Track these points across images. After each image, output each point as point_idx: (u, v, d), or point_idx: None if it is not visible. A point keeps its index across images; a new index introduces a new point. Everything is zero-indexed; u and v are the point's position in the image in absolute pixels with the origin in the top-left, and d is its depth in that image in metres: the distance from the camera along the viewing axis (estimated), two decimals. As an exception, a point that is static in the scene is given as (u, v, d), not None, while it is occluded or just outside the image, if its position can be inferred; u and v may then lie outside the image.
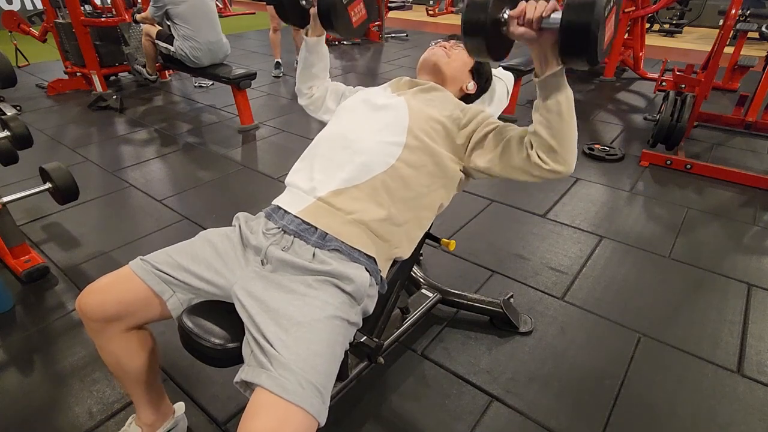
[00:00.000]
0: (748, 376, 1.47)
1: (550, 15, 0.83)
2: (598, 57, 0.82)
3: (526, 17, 0.85)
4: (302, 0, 1.26)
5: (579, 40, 0.80)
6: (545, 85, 0.91)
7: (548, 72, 0.89)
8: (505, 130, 1.05)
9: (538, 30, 0.85)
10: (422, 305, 1.60)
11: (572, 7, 0.79)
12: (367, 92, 1.25)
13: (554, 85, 0.90)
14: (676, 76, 3.70)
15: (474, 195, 2.51)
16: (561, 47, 0.84)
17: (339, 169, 1.04)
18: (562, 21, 0.81)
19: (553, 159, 0.95)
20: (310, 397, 0.76)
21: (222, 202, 2.51)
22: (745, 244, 2.15)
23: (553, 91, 0.90)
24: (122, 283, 0.97)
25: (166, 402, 1.22)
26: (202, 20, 3.39)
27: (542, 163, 0.96)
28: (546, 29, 0.85)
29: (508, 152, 1.01)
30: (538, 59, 0.90)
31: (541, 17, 0.84)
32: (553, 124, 0.92)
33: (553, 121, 0.92)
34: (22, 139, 1.92)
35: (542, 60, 0.89)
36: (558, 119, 0.92)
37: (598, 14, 0.78)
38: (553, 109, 0.91)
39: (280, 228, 1.01)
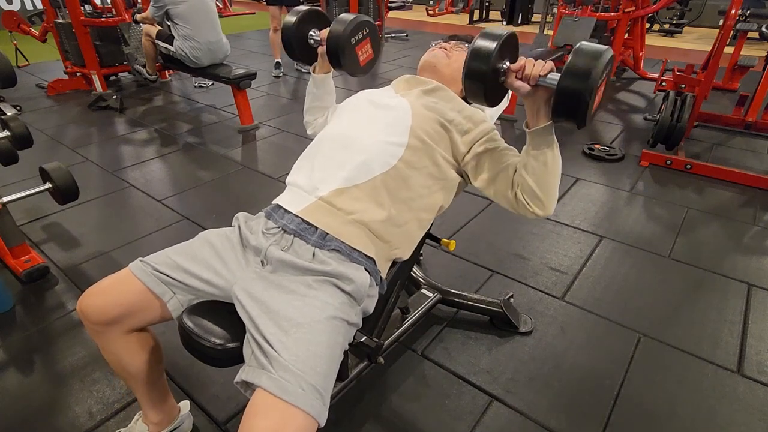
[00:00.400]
0: (748, 376, 1.47)
1: (547, 74, 0.90)
2: (586, 121, 0.89)
3: (524, 72, 0.92)
4: (310, 39, 1.30)
5: (572, 103, 0.87)
6: (535, 137, 0.97)
7: (539, 125, 0.95)
8: (503, 155, 1.07)
9: (534, 86, 0.92)
10: (422, 305, 1.60)
11: (571, 74, 0.85)
12: (369, 92, 1.25)
13: (543, 139, 0.96)
14: (676, 76, 3.70)
15: (474, 195, 2.50)
16: (554, 107, 0.90)
17: (340, 168, 1.04)
18: (558, 84, 0.87)
19: (534, 203, 1.01)
20: (310, 399, 0.76)
21: (222, 202, 2.51)
22: (745, 244, 2.15)
23: (542, 145, 0.96)
24: (122, 285, 0.97)
25: (171, 402, 1.22)
26: (202, 20, 3.39)
27: (526, 204, 1.02)
28: (542, 86, 0.92)
29: (501, 182, 1.05)
30: (531, 111, 0.96)
31: (539, 76, 0.90)
32: (538, 173, 0.98)
33: (539, 170, 0.98)
34: (22, 139, 1.92)
35: (534, 113, 0.96)
36: (543, 170, 0.98)
37: (593, 84, 0.84)
38: (539, 159, 0.97)
39: (280, 227, 1.01)
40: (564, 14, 4.05)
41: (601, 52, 0.86)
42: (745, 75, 4.00)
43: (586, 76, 0.84)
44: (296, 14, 1.30)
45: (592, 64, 0.84)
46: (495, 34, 0.92)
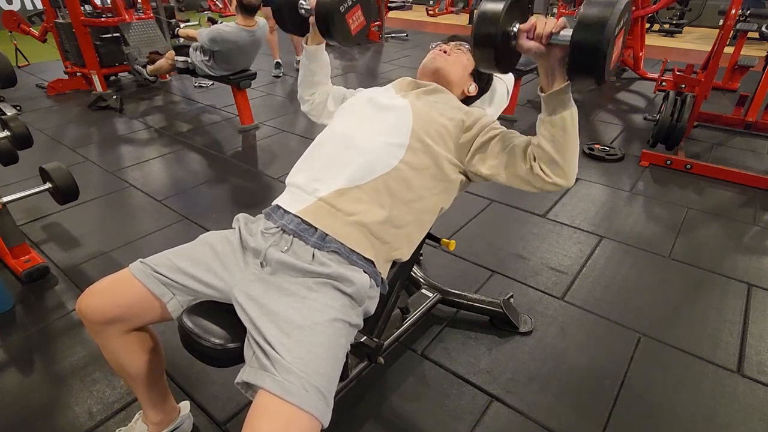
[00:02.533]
0: (748, 376, 1.47)
1: (560, 31, 0.84)
2: (605, 76, 0.82)
3: (536, 32, 0.86)
4: (301, 9, 1.25)
5: (588, 58, 0.80)
6: (551, 101, 0.92)
7: (554, 88, 0.90)
8: (508, 137, 1.05)
9: (547, 45, 0.86)
10: (422, 305, 1.60)
11: (584, 26, 0.79)
12: (370, 92, 1.24)
13: (560, 101, 0.91)
14: (676, 76, 3.70)
15: (474, 195, 2.51)
16: (569, 64, 0.85)
17: (341, 169, 1.04)
18: (572, 38, 0.81)
19: (554, 172, 0.96)
20: (314, 401, 0.76)
21: (222, 202, 2.51)
22: (745, 244, 2.15)
23: (559, 107, 0.91)
24: (122, 286, 0.97)
25: (171, 402, 1.22)
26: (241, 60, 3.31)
27: (544, 175, 0.97)
28: (555, 45, 0.86)
29: (512, 161, 1.02)
30: (545, 74, 0.91)
31: (551, 33, 0.85)
32: (557, 138, 0.93)
33: (557, 135, 0.93)
34: (22, 139, 1.92)
35: (549, 75, 0.90)
36: (562, 134, 0.93)
37: (609, 33, 0.77)
38: (557, 124, 0.92)
39: (279, 227, 1.01)
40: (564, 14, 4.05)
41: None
42: (745, 75, 4.01)
43: (601, 25, 0.77)
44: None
45: (606, 12, 0.77)
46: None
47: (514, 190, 1.08)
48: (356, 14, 1.23)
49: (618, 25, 0.79)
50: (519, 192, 1.08)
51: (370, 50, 6.25)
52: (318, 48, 1.30)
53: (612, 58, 0.82)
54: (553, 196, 2.52)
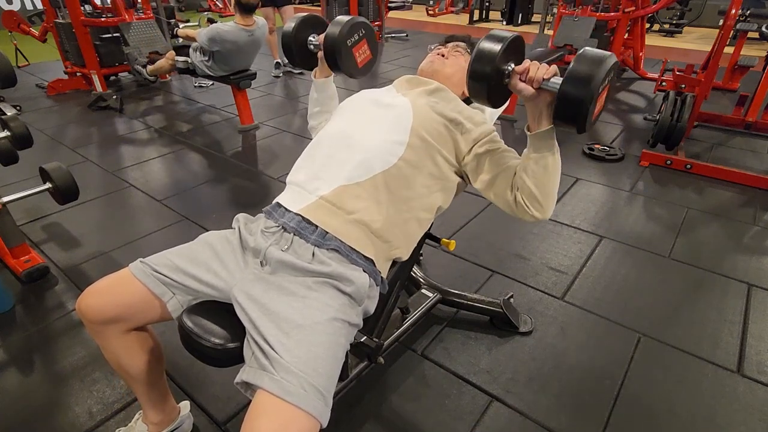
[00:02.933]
0: (748, 376, 1.47)
1: (551, 78, 0.90)
2: (586, 127, 0.88)
3: (528, 75, 0.92)
4: (310, 45, 1.31)
5: (572, 109, 0.87)
6: (536, 141, 0.97)
7: (540, 129, 0.95)
8: (503, 157, 1.07)
9: (538, 89, 0.92)
10: (422, 305, 1.60)
11: (571, 80, 0.85)
12: (370, 92, 1.25)
13: (544, 143, 0.96)
14: (676, 76, 3.70)
15: (474, 195, 2.49)
16: (555, 111, 0.90)
17: (341, 167, 1.04)
18: (560, 89, 0.87)
19: (534, 207, 1.01)
20: (313, 400, 0.76)
21: (222, 202, 2.51)
22: (745, 244, 2.15)
23: (542, 148, 0.96)
24: (122, 286, 0.97)
25: (171, 402, 1.22)
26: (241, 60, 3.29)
27: (525, 206, 1.01)
28: (545, 90, 0.92)
29: (502, 185, 1.05)
30: (532, 115, 0.96)
31: (542, 79, 0.90)
32: (539, 176, 0.98)
33: (539, 174, 0.98)
34: (22, 139, 1.92)
35: (536, 116, 0.96)
36: (543, 173, 0.98)
37: (593, 90, 0.84)
38: (540, 163, 0.97)
39: (280, 226, 1.01)
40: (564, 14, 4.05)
41: (604, 59, 0.85)
42: (745, 75, 4.01)
43: (587, 82, 0.84)
44: (295, 21, 1.31)
45: (593, 71, 0.84)
46: (500, 37, 0.93)
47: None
48: (363, 48, 1.28)
49: (603, 83, 0.85)
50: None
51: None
52: (326, 80, 1.34)
53: (594, 111, 0.89)
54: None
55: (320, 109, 1.37)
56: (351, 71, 1.27)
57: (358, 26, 1.23)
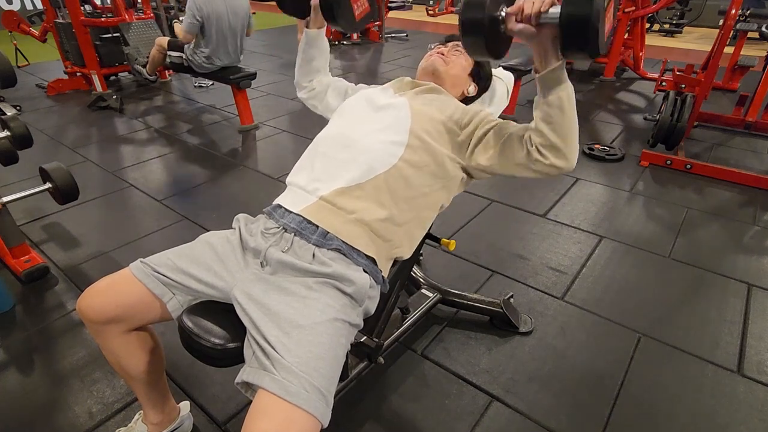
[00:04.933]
0: (748, 376, 1.47)
1: (548, 10, 0.82)
2: (599, 49, 0.80)
3: (524, 13, 0.84)
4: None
5: (579, 33, 0.79)
6: (546, 81, 0.90)
7: (549, 67, 0.88)
8: (505, 126, 1.05)
9: (537, 26, 0.85)
10: (422, 305, 1.60)
11: (571, 0, 0.78)
12: (368, 92, 1.24)
13: (555, 81, 0.89)
14: (676, 76, 3.70)
15: (474, 195, 2.50)
16: (561, 42, 0.83)
17: (341, 168, 1.04)
18: (561, 15, 0.79)
19: (554, 155, 0.94)
20: (314, 401, 0.76)
21: (222, 202, 2.51)
22: (745, 244, 2.15)
23: (554, 87, 0.90)
24: (122, 286, 0.97)
25: (171, 402, 1.22)
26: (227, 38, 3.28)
27: (543, 158, 0.95)
28: (545, 24, 0.84)
29: (509, 149, 1.01)
30: (538, 55, 0.89)
31: (540, 12, 0.83)
32: (555, 119, 0.92)
33: (555, 116, 0.91)
34: (22, 139, 1.92)
35: (542, 56, 0.89)
36: (559, 114, 0.91)
37: (598, 5, 0.76)
38: (554, 104, 0.91)
39: (281, 226, 1.01)
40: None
41: None
42: (745, 75, 4.01)
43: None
44: None
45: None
46: None
47: (514, 190, 1.08)
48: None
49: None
50: (519, 192, 1.08)
51: (370, 50, 6.25)
52: (319, 32, 1.27)
53: (604, 30, 0.80)
54: (553, 195, 2.52)
55: (309, 64, 1.31)
56: (347, 23, 1.18)
57: None
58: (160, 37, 3.62)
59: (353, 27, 1.23)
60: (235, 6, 3.26)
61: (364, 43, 6.55)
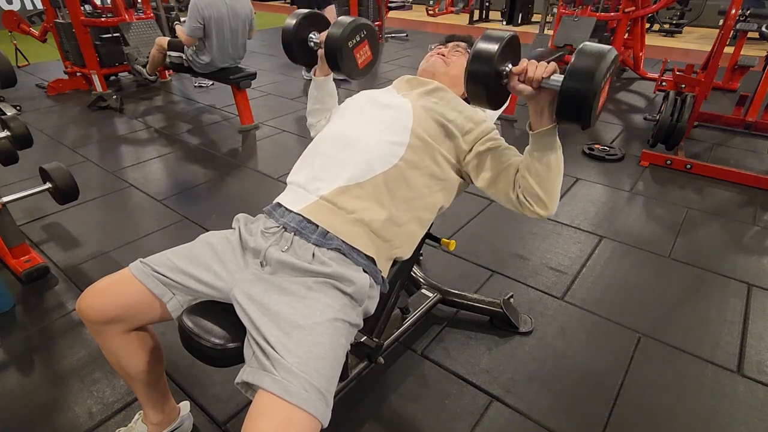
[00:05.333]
0: (748, 376, 1.47)
1: (550, 76, 0.89)
2: (591, 122, 0.86)
3: (527, 75, 0.90)
4: (310, 42, 1.31)
5: (575, 106, 0.85)
6: (538, 140, 0.96)
7: (542, 127, 0.94)
8: (505, 154, 1.07)
9: (538, 88, 0.90)
10: (422, 305, 1.60)
11: (573, 76, 0.84)
12: (370, 92, 1.25)
13: (546, 141, 0.95)
14: (676, 76, 3.70)
15: (474, 195, 2.50)
16: (557, 109, 0.89)
17: (341, 167, 1.04)
18: (561, 87, 0.85)
19: (536, 203, 1.01)
20: (314, 401, 0.76)
21: (222, 202, 2.51)
22: (745, 244, 2.15)
23: (545, 147, 0.96)
24: (122, 286, 0.97)
25: (171, 402, 1.22)
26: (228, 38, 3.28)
27: (528, 204, 1.01)
28: (545, 88, 0.90)
29: (504, 182, 1.05)
30: (534, 113, 0.95)
31: (542, 78, 0.89)
32: (541, 174, 0.98)
33: (542, 172, 0.97)
34: (22, 139, 1.93)
35: (538, 115, 0.94)
36: (546, 171, 0.97)
37: (596, 85, 0.82)
38: (542, 161, 0.97)
39: (281, 226, 1.01)
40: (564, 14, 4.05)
41: (604, 53, 0.84)
42: (745, 75, 4.01)
43: (589, 77, 0.82)
44: (296, 17, 1.30)
45: (595, 65, 0.83)
46: (496, 37, 0.92)
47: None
48: (364, 49, 1.27)
49: (605, 77, 0.84)
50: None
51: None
52: (326, 79, 1.33)
53: (598, 106, 0.87)
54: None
55: (319, 107, 1.36)
56: (351, 72, 1.27)
57: (360, 28, 1.23)
58: (160, 37, 3.62)
59: (357, 74, 1.29)
60: (236, 8, 3.25)
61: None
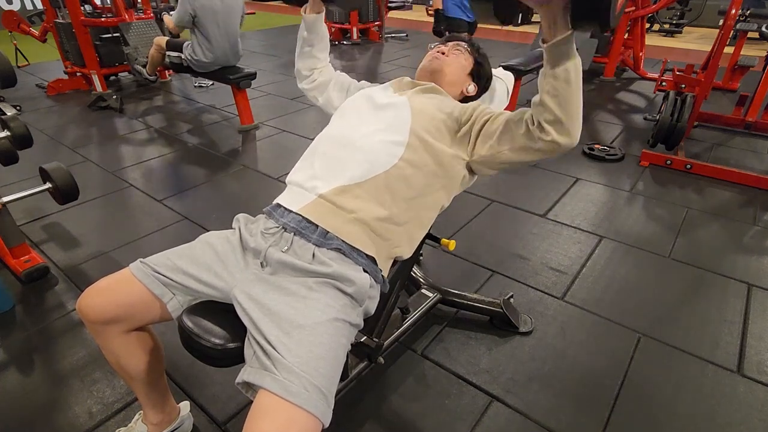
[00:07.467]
0: (748, 376, 1.47)
1: None
2: (611, 20, 0.77)
3: None
4: None
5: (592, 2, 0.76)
6: (554, 52, 0.88)
7: (558, 37, 0.86)
8: (501, 114, 1.05)
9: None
10: (422, 305, 1.60)
11: None
12: (369, 91, 1.25)
13: (563, 52, 0.87)
14: (676, 76, 3.70)
15: (474, 195, 2.50)
16: (572, 10, 0.80)
17: (341, 167, 1.04)
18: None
19: (557, 129, 0.92)
20: (315, 400, 0.76)
21: (222, 202, 2.51)
22: (745, 244, 2.15)
23: (562, 58, 0.88)
24: (122, 286, 0.97)
25: (171, 402, 1.22)
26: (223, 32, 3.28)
27: (545, 135, 0.93)
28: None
29: (508, 133, 1.00)
30: (547, 24, 0.86)
31: None
32: (561, 91, 0.89)
33: (561, 88, 0.89)
34: (22, 139, 1.92)
35: (551, 25, 0.86)
36: (565, 87, 0.89)
37: None
38: (560, 76, 0.88)
39: (281, 226, 1.01)
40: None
41: None
42: (745, 75, 4.01)
43: None
44: None
45: None
46: None
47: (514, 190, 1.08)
48: None
49: None
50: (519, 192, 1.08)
51: (370, 50, 6.25)
52: (317, 17, 1.26)
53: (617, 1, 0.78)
54: (553, 195, 2.52)
55: (310, 50, 1.31)
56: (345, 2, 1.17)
57: None
58: (159, 37, 3.62)
59: (350, 4, 1.21)
60: (230, 2, 3.26)
61: (364, 43, 6.55)
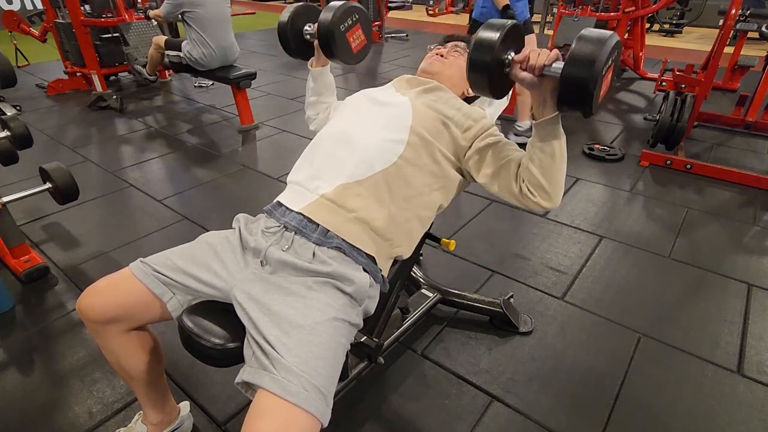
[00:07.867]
0: (748, 376, 1.47)
1: (552, 64, 0.88)
2: (592, 110, 0.85)
3: (529, 63, 0.90)
4: (306, 34, 1.31)
5: (577, 93, 0.84)
6: (541, 129, 0.95)
7: (545, 117, 0.93)
8: (505, 149, 1.07)
9: (540, 76, 0.90)
10: (422, 305, 1.60)
11: (573, 62, 0.83)
12: (369, 90, 1.25)
13: (550, 132, 0.94)
14: (676, 76, 3.70)
15: (474, 195, 2.51)
16: (559, 97, 0.88)
17: (341, 165, 1.04)
18: (562, 73, 0.84)
19: (540, 195, 1.00)
20: (314, 400, 0.76)
21: (222, 202, 2.51)
22: (745, 244, 2.15)
23: (549, 136, 0.95)
24: (122, 286, 0.97)
25: (171, 403, 1.22)
26: (216, 26, 3.30)
27: (531, 195, 1.01)
28: (547, 76, 0.89)
29: (506, 177, 1.04)
30: (537, 103, 0.94)
31: (544, 65, 0.88)
32: (545, 165, 0.97)
33: (545, 162, 0.97)
34: (22, 139, 1.92)
35: (541, 104, 0.94)
36: (550, 161, 0.97)
37: (597, 71, 0.81)
38: (546, 151, 0.96)
39: (281, 225, 1.01)
40: (564, 14, 4.05)
41: (605, 38, 0.82)
42: (745, 75, 4.01)
43: (590, 63, 0.80)
44: (289, 11, 1.29)
45: (596, 51, 0.81)
46: (498, 25, 0.91)
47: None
48: (357, 33, 1.28)
49: (606, 63, 0.82)
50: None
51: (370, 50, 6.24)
52: (323, 70, 1.33)
53: (600, 93, 0.86)
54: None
55: (317, 99, 1.37)
56: (346, 58, 1.26)
57: (351, 11, 1.23)
58: (157, 36, 3.62)
59: (352, 59, 1.30)
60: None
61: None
